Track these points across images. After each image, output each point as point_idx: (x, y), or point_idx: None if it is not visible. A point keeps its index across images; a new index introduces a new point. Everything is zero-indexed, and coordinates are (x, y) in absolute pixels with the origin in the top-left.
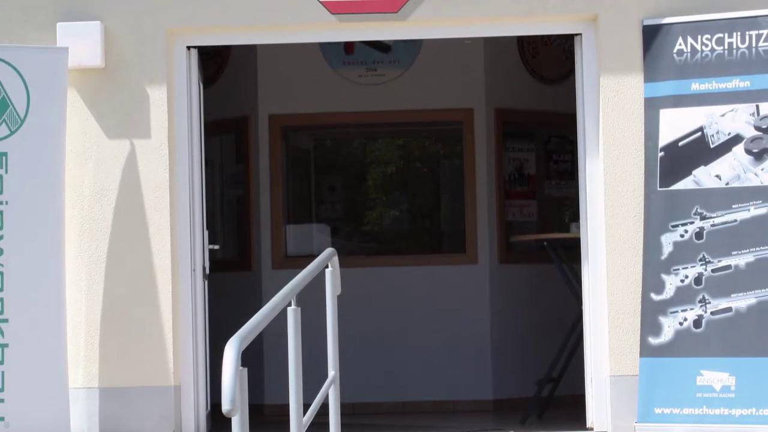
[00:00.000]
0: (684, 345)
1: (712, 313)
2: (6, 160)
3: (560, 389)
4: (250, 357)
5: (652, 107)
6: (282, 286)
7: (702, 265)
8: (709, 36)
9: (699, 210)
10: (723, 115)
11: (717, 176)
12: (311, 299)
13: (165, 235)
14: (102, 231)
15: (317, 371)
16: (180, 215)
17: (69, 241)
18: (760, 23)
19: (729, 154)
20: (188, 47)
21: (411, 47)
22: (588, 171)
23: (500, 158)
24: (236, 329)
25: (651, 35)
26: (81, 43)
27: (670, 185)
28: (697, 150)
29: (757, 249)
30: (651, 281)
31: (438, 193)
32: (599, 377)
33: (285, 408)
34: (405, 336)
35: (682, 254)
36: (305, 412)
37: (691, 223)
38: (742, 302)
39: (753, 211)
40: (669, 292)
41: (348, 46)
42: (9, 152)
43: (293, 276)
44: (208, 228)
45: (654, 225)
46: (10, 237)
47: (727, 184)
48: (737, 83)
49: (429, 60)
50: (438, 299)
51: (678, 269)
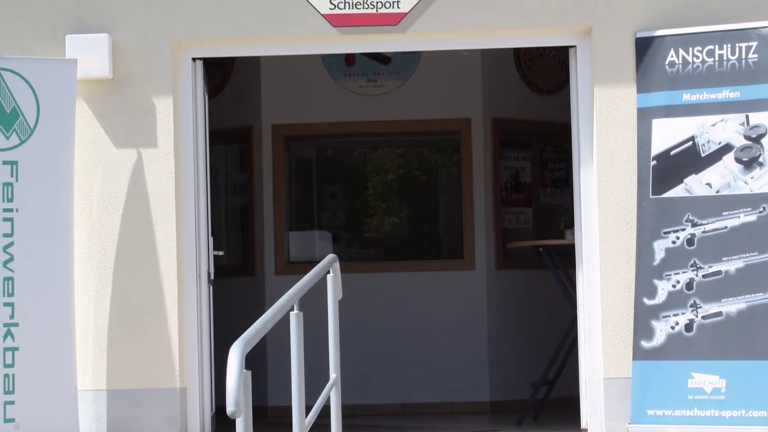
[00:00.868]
0: (676, 348)
1: (703, 318)
2: (16, 169)
3: (555, 391)
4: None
5: (645, 117)
6: (285, 292)
7: (693, 271)
8: (700, 48)
9: (690, 217)
10: (713, 125)
11: (708, 184)
12: (313, 304)
13: (171, 242)
14: (110, 237)
15: (319, 374)
16: (185, 222)
17: (78, 248)
18: (750, 36)
19: (719, 163)
20: (194, 59)
21: (410, 59)
22: (582, 179)
23: (497, 167)
24: (240, 333)
25: (644, 47)
26: (89, 55)
27: (662, 193)
28: (689, 159)
29: (747, 255)
30: (644, 286)
31: (436, 201)
32: (593, 380)
33: (288, 409)
34: (404, 339)
35: (674, 260)
36: (307, 414)
37: (683, 230)
38: (732, 307)
39: (743, 219)
40: (661, 297)
41: (349, 58)
42: (19, 161)
43: (296, 281)
44: (213, 235)
45: (646, 232)
46: (21, 243)
47: (718, 192)
48: (727, 94)
49: (428, 71)
50: (436, 304)
51: (670, 275)
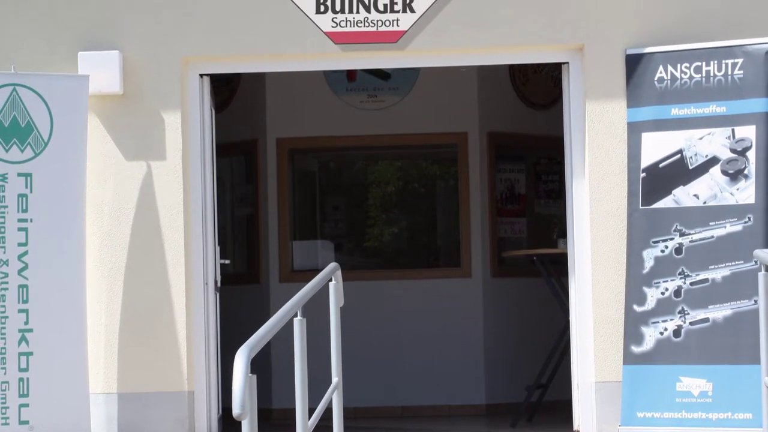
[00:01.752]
0: (664, 353)
1: (691, 324)
2: (31, 181)
3: (549, 395)
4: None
5: (635, 131)
6: (288, 299)
7: (681, 279)
8: (688, 64)
9: (678, 227)
10: (701, 139)
11: (695, 195)
12: (316, 311)
13: (179, 251)
14: (120, 247)
15: (321, 378)
16: (193, 232)
17: (89, 256)
18: (735, 53)
19: (706, 175)
20: (201, 75)
21: (409, 75)
22: (575, 190)
23: (492, 178)
24: (246, 338)
25: (633, 64)
26: (101, 71)
27: (652, 204)
28: (677, 171)
29: (733, 263)
30: (633, 293)
31: (434, 212)
32: (585, 383)
33: (291, 412)
34: (403, 344)
35: (663, 268)
36: (310, 416)
37: (671, 240)
38: (719, 313)
39: (729, 228)
40: (650, 304)
41: (350, 74)
42: (34, 173)
43: (299, 289)
44: (220, 244)
45: (636, 241)
46: (35, 252)
47: (705, 203)
48: (714, 108)
49: (426, 87)
50: (434, 311)
51: (659, 282)
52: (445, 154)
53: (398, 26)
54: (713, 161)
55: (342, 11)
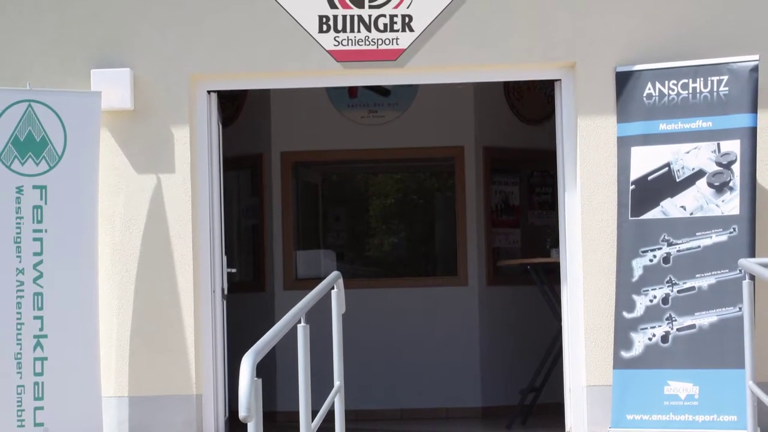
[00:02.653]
0: (653, 358)
1: (678, 330)
2: (46, 193)
3: (542, 398)
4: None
5: (624, 145)
6: (292, 306)
7: (669, 287)
8: (675, 81)
9: (666, 237)
10: (687, 153)
11: (682, 207)
12: (319, 317)
13: (187, 260)
14: (131, 256)
15: (324, 381)
16: (201, 242)
17: (102, 265)
18: (721, 70)
19: (693, 188)
20: (209, 91)
21: (408, 91)
22: (567, 202)
23: (488, 191)
24: (251, 344)
25: (623, 81)
26: (112, 88)
27: (641, 215)
28: (665, 183)
29: (718, 272)
30: (623, 301)
31: (432, 222)
32: (577, 387)
33: (295, 414)
34: (403, 350)
35: (651, 277)
36: (313, 418)
37: (659, 249)
38: (705, 320)
39: (714, 239)
40: (639, 311)
41: (352, 91)
42: (48, 186)
43: (302, 296)
44: (226, 253)
45: (626, 251)
46: (49, 261)
47: (692, 214)
48: (700, 124)
49: (424, 103)
50: (432, 317)
51: (647, 290)
52: (443, 168)
53: (398, 45)
54: (700, 174)
55: (344, 30)
